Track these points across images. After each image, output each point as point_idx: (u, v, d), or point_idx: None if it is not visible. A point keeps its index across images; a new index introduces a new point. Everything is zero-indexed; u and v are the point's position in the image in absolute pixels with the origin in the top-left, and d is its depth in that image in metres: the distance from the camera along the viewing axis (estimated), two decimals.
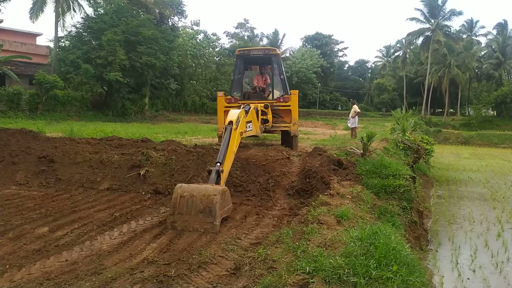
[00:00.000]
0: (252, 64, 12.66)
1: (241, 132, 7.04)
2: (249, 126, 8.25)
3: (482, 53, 62.14)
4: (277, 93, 11.67)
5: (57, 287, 3.42)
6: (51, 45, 35.28)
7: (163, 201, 6.48)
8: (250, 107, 8.43)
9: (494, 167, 20.78)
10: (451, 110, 63.75)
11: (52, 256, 4.09)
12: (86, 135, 11.93)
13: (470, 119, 53.50)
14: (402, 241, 4.48)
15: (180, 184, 5.45)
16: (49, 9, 31.93)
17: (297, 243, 4.16)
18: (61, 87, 26.53)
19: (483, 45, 63.05)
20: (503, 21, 60.47)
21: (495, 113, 55.51)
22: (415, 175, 10.44)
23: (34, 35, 39.96)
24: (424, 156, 15.32)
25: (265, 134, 11.47)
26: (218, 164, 5.86)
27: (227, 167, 6.10)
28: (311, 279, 3.31)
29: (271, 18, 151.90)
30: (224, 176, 5.87)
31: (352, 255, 3.64)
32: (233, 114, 6.96)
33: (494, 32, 61.66)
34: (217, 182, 5.64)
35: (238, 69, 11.56)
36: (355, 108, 18.59)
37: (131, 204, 6.28)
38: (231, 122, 6.57)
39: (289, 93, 11.14)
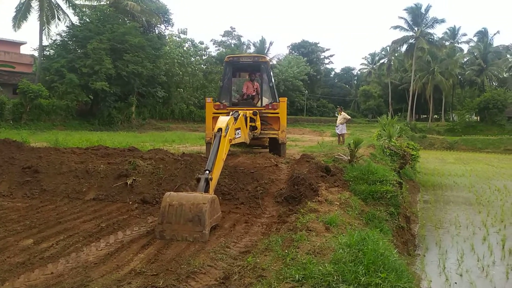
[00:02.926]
0: (241, 71, 12.69)
1: (230, 139, 7.03)
2: (238, 133, 8.25)
3: (465, 59, 63.60)
4: (265, 100, 11.71)
5: None
6: (36, 54, 34.86)
7: (151, 211, 6.41)
8: (239, 114, 8.43)
9: (479, 171, 21.14)
10: (436, 116, 64.85)
11: (37, 269, 4.00)
12: (72, 145, 11.77)
13: (454, 124, 54.50)
14: (390, 247, 4.52)
15: (169, 192, 5.40)
16: (33, 17, 31.50)
17: (286, 251, 4.16)
18: (45, 96, 26.18)
19: (465, 52, 64.57)
20: (483, 29, 62.14)
21: (478, 118, 56.65)
22: (401, 181, 10.56)
23: (18, 44, 39.48)
24: (410, 162, 15.51)
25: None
26: (207, 172, 5.82)
27: (216, 174, 6.07)
28: (301, 286, 3.30)
29: (258, 26, 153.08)
30: (213, 184, 5.84)
31: (341, 262, 3.65)
32: (222, 121, 6.94)
33: (476, 39, 63.27)
34: (206, 190, 5.60)
35: (227, 75, 11.58)
36: (344, 114, 18.77)
37: (118, 214, 6.19)
38: (220, 129, 6.55)
39: (278, 101, 11.20)
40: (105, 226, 5.49)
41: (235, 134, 7.93)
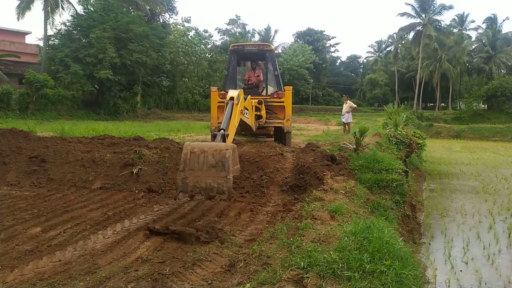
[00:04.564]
0: (246, 59, 12.63)
1: (241, 110, 7.06)
2: (246, 113, 8.32)
3: (473, 47, 62.71)
4: (270, 89, 11.66)
5: (50, 287, 3.39)
6: (41, 43, 34.90)
7: (157, 200, 6.45)
8: (246, 97, 8.56)
9: (486, 160, 21.00)
10: (443, 104, 64.28)
11: (45, 257, 4.05)
12: (78, 134, 11.84)
13: (461, 113, 54.00)
14: (395, 235, 4.51)
15: (188, 142, 5.29)
16: (37, 7, 31.53)
17: (291, 239, 4.17)
18: (51, 86, 26.28)
19: (473, 39, 63.64)
20: (492, 16, 61.04)
21: (486, 106, 56.09)
22: (407, 169, 10.52)
23: (23, 34, 39.53)
24: (416, 150, 15.42)
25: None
26: (223, 130, 5.80)
27: (231, 137, 6.09)
28: (306, 274, 3.32)
29: (263, 14, 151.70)
30: (229, 140, 5.83)
31: (346, 250, 3.65)
32: (233, 92, 7.01)
33: (484, 26, 62.27)
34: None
35: (231, 64, 11.53)
36: (350, 103, 18.67)
37: (124, 203, 6.24)
38: (232, 98, 6.57)
39: (283, 89, 11.14)
40: (112, 214, 5.54)
41: (244, 113, 7.98)
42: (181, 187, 4.87)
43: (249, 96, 9.21)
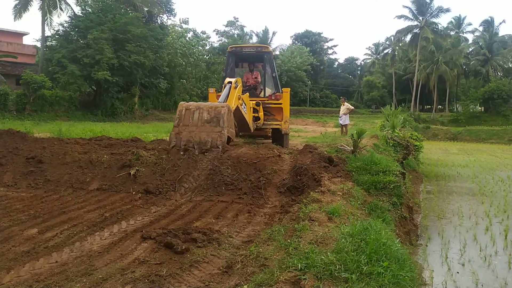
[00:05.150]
0: (244, 61, 12.65)
1: (238, 95, 7.04)
2: (244, 107, 8.32)
3: (470, 49, 63.01)
4: (268, 91, 11.69)
5: None
6: (39, 44, 34.83)
7: (154, 201, 6.44)
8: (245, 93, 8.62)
9: (482, 162, 21.08)
10: (440, 106, 64.51)
11: (42, 258, 4.03)
12: (75, 135, 11.81)
13: (458, 115, 54.21)
14: (393, 237, 4.53)
15: (184, 101, 5.25)
16: (35, 7, 31.41)
17: (288, 240, 4.17)
18: (48, 87, 26.21)
19: (470, 41, 63.97)
20: (489, 18, 61.38)
21: (482, 109, 56.29)
22: (404, 171, 10.55)
23: (20, 35, 39.44)
24: (414, 152, 15.46)
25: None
26: None
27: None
28: (303, 275, 3.32)
29: (261, 16, 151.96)
30: None
31: (343, 251, 3.66)
32: (230, 78, 7.00)
33: (481, 29, 62.60)
34: None
35: (229, 66, 11.54)
36: (347, 105, 18.71)
37: (122, 204, 6.22)
38: (230, 82, 6.57)
39: (281, 91, 11.16)
40: (109, 216, 5.52)
41: (242, 105, 7.98)
42: (174, 141, 4.83)
43: (247, 93, 9.25)
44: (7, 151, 8.17)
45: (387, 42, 70.82)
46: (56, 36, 30.59)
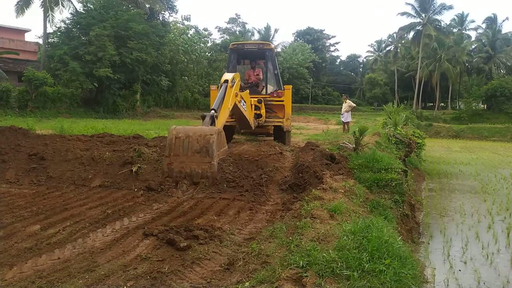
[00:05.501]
0: (245, 58, 12.62)
1: (235, 93, 7.02)
2: (243, 104, 8.30)
3: (472, 47, 62.64)
4: (270, 88, 11.66)
5: (49, 285, 3.39)
6: (41, 41, 34.84)
7: (156, 198, 6.45)
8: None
9: (485, 160, 21.02)
10: (442, 104, 64.27)
11: (44, 254, 4.05)
12: (77, 132, 11.82)
13: (460, 112, 53.98)
14: (394, 234, 4.52)
15: (174, 125, 5.29)
16: (37, 4, 31.38)
17: (290, 238, 4.17)
18: (50, 83, 26.23)
19: (473, 39, 63.58)
20: (492, 15, 60.96)
21: (485, 106, 56.05)
22: (406, 169, 10.52)
23: (22, 31, 39.43)
24: (416, 150, 15.41)
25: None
26: (213, 111, 5.77)
27: (222, 118, 6.04)
28: (305, 273, 3.32)
29: (263, 13, 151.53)
30: (219, 124, 5.78)
31: (345, 249, 3.66)
32: (228, 74, 6.95)
33: (484, 26, 62.19)
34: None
35: (231, 63, 11.51)
36: (350, 102, 18.67)
37: (124, 201, 6.24)
38: (226, 81, 6.54)
39: (283, 88, 11.13)
40: (111, 212, 5.54)
41: (240, 102, 7.94)
42: (166, 172, 4.88)
43: (247, 90, 9.23)
44: (10, 148, 8.19)
45: (390, 39, 70.54)
46: (58, 33, 30.57)
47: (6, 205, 5.79)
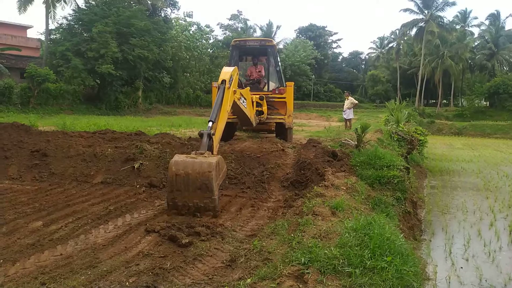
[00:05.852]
0: (247, 54, 12.60)
1: (234, 90, 6.99)
2: (243, 101, 8.29)
3: (475, 43, 62.35)
4: (272, 85, 11.64)
5: (52, 281, 3.40)
6: (43, 37, 34.85)
7: (158, 194, 6.46)
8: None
9: (487, 157, 20.96)
10: (445, 101, 64.07)
11: (47, 250, 4.07)
12: (79, 129, 11.84)
13: (463, 110, 53.82)
14: (396, 231, 4.51)
15: (174, 160, 5.38)
16: (39, 0, 31.37)
17: (292, 235, 4.17)
18: (53, 80, 26.25)
19: (476, 35, 63.29)
20: (495, 12, 60.61)
21: (488, 103, 55.86)
22: (409, 166, 10.49)
23: (24, 28, 39.44)
24: (418, 147, 15.38)
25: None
26: (211, 123, 5.83)
27: (220, 127, 6.08)
28: (306, 270, 3.33)
29: (265, 10, 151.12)
30: (216, 139, 5.86)
31: (346, 246, 3.66)
32: (226, 72, 6.85)
33: (487, 22, 61.84)
34: (209, 146, 5.62)
35: (233, 59, 11.49)
36: (352, 99, 18.63)
37: (126, 197, 6.25)
38: (224, 81, 6.50)
39: (285, 85, 11.11)
40: (113, 209, 5.55)
41: (241, 101, 7.92)
42: (171, 205, 5.17)
43: (247, 87, 9.21)
44: (12, 144, 8.21)
45: (392, 36, 70.30)
46: (60, 30, 30.56)
47: (9, 201, 5.82)
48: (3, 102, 23.71)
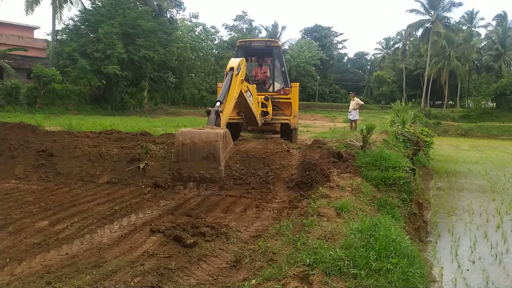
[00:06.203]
0: (253, 55, 12.60)
1: (242, 80, 7.01)
2: (250, 95, 8.30)
3: (482, 44, 61.96)
4: (277, 86, 11.62)
5: (57, 280, 3.42)
6: (49, 38, 35.07)
7: (163, 195, 6.47)
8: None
9: (494, 158, 20.80)
10: (451, 102, 63.67)
11: (52, 250, 4.09)
12: (85, 129, 11.90)
13: (469, 111, 53.46)
14: (402, 233, 4.48)
15: (181, 130, 5.36)
16: (46, 1, 31.62)
17: (297, 236, 4.16)
18: (59, 80, 26.40)
19: (482, 36, 62.92)
20: (502, 13, 60.24)
21: (494, 105, 55.44)
22: (414, 167, 10.44)
23: (31, 29, 39.68)
24: (424, 148, 15.31)
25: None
26: (218, 103, 5.80)
27: (227, 110, 6.06)
28: (311, 271, 3.31)
29: (270, 10, 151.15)
30: (224, 119, 5.83)
31: (352, 247, 3.64)
32: (234, 61, 6.95)
33: (494, 23, 61.47)
34: (217, 123, 5.59)
35: None
36: (357, 100, 18.57)
37: (131, 197, 6.27)
38: (232, 69, 6.53)
39: (290, 86, 11.10)
40: (119, 209, 5.57)
41: (247, 95, 7.93)
42: (176, 176, 5.04)
43: (254, 85, 9.24)
44: (19, 144, 8.27)
45: (398, 37, 70.00)
46: (67, 30, 30.72)
47: (15, 200, 5.86)
48: (10, 102, 23.88)
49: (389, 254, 3.56)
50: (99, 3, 31.03)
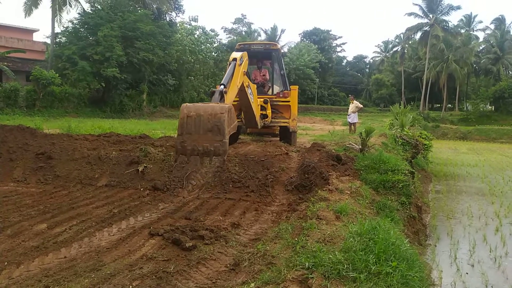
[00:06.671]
0: (252, 58, 12.63)
1: (244, 71, 7.04)
2: (251, 92, 8.32)
3: (480, 48, 62.13)
4: (276, 89, 11.65)
5: (56, 283, 3.40)
6: (48, 41, 35.11)
7: (162, 197, 6.46)
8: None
9: (492, 162, 20.83)
10: (449, 105, 63.82)
11: (51, 253, 4.07)
12: (84, 132, 11.89)
13: (468, 114, 53.58)
14: (401, 236, 4.48)
15: (186, 103, 5.31)
16: (45, 4, 31.68)
17: (296, 239, 4.16)
18: (58, 83, 26.41)
19: (481, 40, 63.08)
20: (500, 16, 60.55)
21: (493, 108, 55.59)
22: (413, 170, 10.45)
23: (30, 31, 39.69)
24: (423, 151, 15.32)
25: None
26: (222, 86, 5.79)
27: (230, 95, 6.06)
28: (311, 274, 3.31)
29: (269, 14, 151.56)
30: (228, 99, 5.81)
31: (351, 250, 3.63)
32: (237, 53, 7.00)
33: (492, 27, 61.76)
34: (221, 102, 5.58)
35: None
36: (356, 103, 18.60)
37: (130, 200, 6.26)
38: (235, 59, 6.56)
39: (289, 89, 11.12)
40: (117, 212, 5.56)
41: (248, 91, 7.95)
42: (180, 149, 4.99)
43: (254, 85, 9.29)
44: (17, 147, 8.25)
45: (397, 40, 70.29)
46: (66, 33, 30.76)
47: (14, 203, 5.84)
48: (8, 105, 23.87)
49: (388, 257, 3.55)
50: (99, 6, 31.08)
